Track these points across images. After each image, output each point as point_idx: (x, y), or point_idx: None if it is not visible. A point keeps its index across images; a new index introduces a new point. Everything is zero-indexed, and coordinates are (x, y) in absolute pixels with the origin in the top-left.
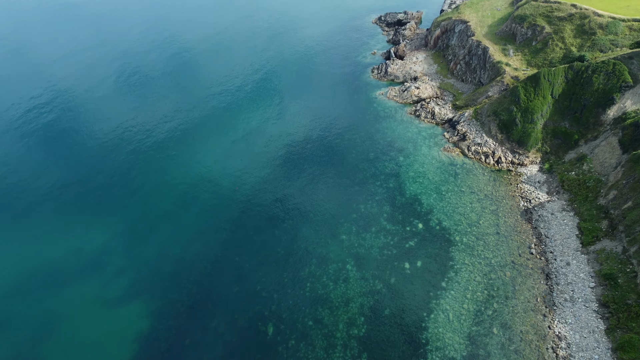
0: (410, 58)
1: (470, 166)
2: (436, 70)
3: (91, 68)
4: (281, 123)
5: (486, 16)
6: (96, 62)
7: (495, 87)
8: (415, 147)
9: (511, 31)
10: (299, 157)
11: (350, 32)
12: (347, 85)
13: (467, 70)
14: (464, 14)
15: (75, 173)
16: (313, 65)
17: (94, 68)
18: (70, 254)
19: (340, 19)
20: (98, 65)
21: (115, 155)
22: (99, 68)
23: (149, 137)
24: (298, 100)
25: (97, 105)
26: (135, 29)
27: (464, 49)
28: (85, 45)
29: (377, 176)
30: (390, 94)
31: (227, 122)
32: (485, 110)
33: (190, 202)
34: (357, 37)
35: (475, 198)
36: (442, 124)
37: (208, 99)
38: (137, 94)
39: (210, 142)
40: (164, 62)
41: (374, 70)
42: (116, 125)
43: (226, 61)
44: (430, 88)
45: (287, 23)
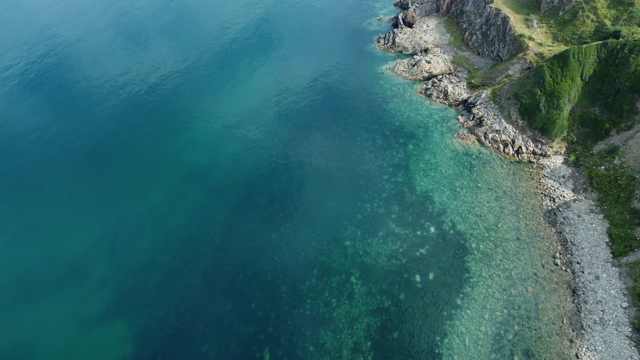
0: (421, 25)
1: (487, 157)
2: (449, 40)
3: (83, 14)
4: (278, 104)
5: None
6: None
7: (517, 64)
8: (426, 133)
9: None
10: (298, 146)
11: None
12: (351, 57)
13: (483, 42)
14: None
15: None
16: (311, 34)
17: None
18: (46, 259)
19: None
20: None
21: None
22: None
23: (140, 108)
24: (295, 77)
25: (82, 59)
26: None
27: (481, 17)
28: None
29: (385, 168)
30: (398, 68)
31: (220, 101)
32: (505, 92)
33: (179, 199)
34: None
35: (492, 196)
36: (456, 106)
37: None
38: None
39: (202, 127)
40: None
41: (380, 40)
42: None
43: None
44: (443, 62)
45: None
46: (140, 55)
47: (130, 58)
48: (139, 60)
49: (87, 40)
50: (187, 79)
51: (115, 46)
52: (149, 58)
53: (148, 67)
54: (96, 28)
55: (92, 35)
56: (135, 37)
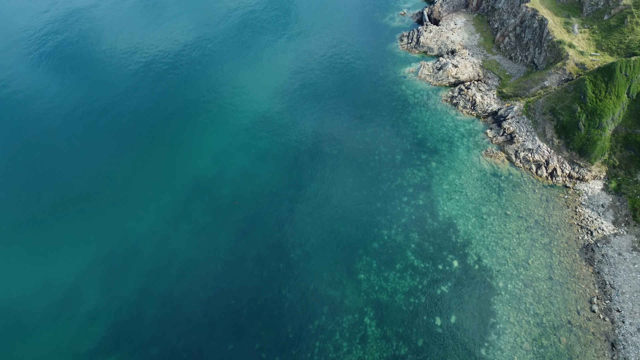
0: (448, 23)
1: (518, 179)
2: (478, 41)
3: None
4: (291, 109)
5: None
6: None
7: (554, 75)
8: (450, 148)
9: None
10: (311, 159)
11: None
12: (371, 57)
13: (517, 46)
14: None
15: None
16: (328, 29)
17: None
18: (38, 285)
19: None
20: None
21: (91, 152)
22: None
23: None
24: (311, 77)
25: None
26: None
27: (515, 17)
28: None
29: (405, 189)
30: (422, 72)
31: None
32: (540, 106)
33: (181, 218)
34: None
35: (523, 225)
36: (484, 117)
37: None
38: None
39: (205, 139)
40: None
41: (402, 39)
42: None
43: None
44: (471, 67)
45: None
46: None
47: (140, 36)
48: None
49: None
50: (190, 79)
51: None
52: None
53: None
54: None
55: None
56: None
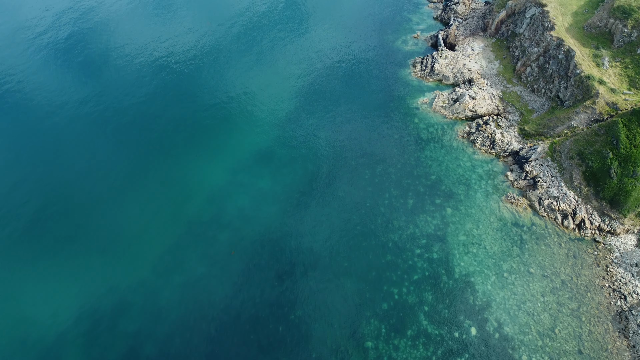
0: (464, 48)
1: (542, 230)
2: (497, 70)
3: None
4: (294, 142)
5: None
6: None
7: (583, 114)
8: (467, 192)
9: (607, 28)
10: (315, 202)
11: (387, 3)
12: (382, 85)
13: (540, 77)
14: None
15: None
16: (338, 50)
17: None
18: (15, 343)
19: None
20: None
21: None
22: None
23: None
24: (317, 107)
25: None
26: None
27: (538, 46)
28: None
29: (417, 239)
30: (436, 103)
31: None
32: (567, 149)
33: (173, 268)
34: (396, 10)
35: (548, 286)
36: (504, 157)
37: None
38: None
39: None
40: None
41: (416, 65)
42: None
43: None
44: (490, 99)
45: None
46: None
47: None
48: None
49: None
50: (188, 100)
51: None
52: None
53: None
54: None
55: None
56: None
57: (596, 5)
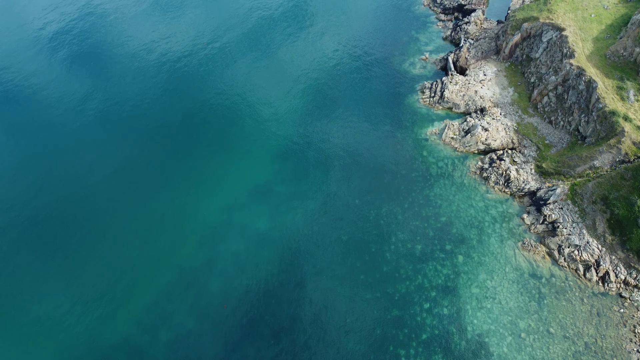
0: (476, 73)
1: (562, 282)
2: (512, 98)
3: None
4: (294, 176)
5: (588, 19)
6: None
7: (607, 154)
8: (480, 236)
9: (632, 57)
10: (315, 246)
11: (394, 19)
12: (388, 112)
13: (558, 108)
14: (556, 13)
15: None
16: (342, 75)
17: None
18: None
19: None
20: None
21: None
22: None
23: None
24: (319, 137)
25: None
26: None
27: (556, 74)
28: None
29: (426, 291)
30: (446, 135)
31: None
32: (589, 192)
33: (160, 322)
34: (403, 27)
35: (570, 350)
36: (520, 197)
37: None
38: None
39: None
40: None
41: (424, 91)
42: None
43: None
44: (504, 131)
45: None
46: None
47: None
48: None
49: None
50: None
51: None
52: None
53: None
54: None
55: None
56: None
57: (618, 29)
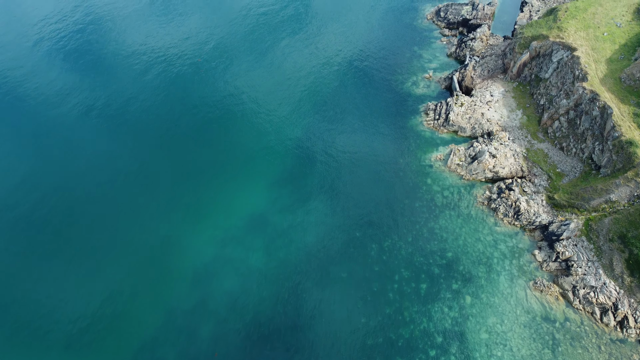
0: (482, 93)
1: (577, 327)
2: (520, 121)
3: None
4: (291, 204)
5: (601, 38)
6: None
7: (624, 187)
8: (489, 274)
9: None
10: (313, 285)
11: (396, 34)
12: (390, 136)
13: (570, 134)
14: (567, 32)
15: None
16: (338, 93)
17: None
18: None
19: (384, 9)
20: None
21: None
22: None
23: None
24: (316, 168)
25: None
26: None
27: (568, 98)
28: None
29: (431, 337)
30: (452, 161)
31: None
32: (606, 229)
33: None
34: (406, 43)
35: None
36: (531, 231)
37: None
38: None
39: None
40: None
41: (428, 112)
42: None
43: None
44: (513, 157)
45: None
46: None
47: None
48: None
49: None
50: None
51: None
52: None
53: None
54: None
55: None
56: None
57: (632, 49)
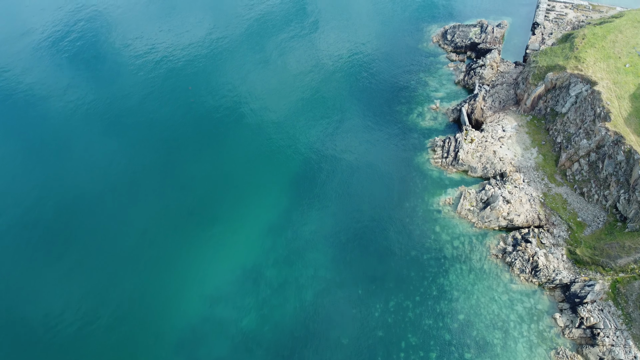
0: (494, 128)
1: None
2: (536, 161)
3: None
4: (286, 262)
5: (623, 70)
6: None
7: None
8: (505, 341)
9: None
10: (313, 351)
11: (401, 59)
12: (394, 176)
13: (591, 178)
14: (585, 63)
15: None
16: (337, 127)
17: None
18: None
19: (389, 31)
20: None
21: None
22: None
23: None
24: (313, 203)
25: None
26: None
27: (589, 138)
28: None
29: None
30: (462, 206)
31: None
32: (636, 294)
33: None
34: (411, 68)
35: None
36: (551, 289)
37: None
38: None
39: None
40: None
41: (436, 149)
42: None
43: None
44: (529, 203)
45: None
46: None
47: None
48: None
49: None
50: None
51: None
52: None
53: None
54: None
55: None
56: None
57: None
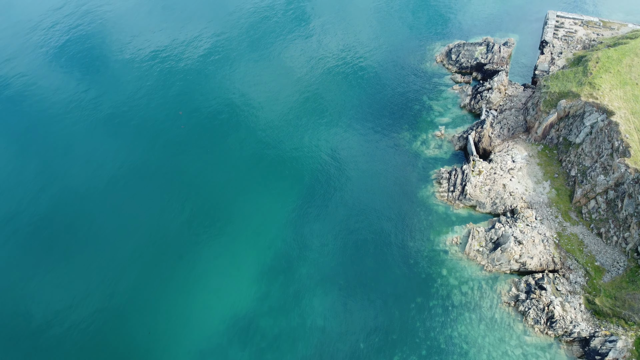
0: (503, 158)
1: None
2: (549, 197)
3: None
4: (283, 309)
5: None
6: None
7: None
8: None
9: None
10: None
11: (402, 81)
12: (395, 211)
13: (610, 218)
14: (601, 90)
15: None
16: (334, 156)
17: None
18: None
19: (390, 49)
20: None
21: None
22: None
23: None
24: (310, 247)
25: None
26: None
27: (606, 174)
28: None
29: None
30: (470, 246)
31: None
32: None
33: None
34: (413, 91)
35: None
36: (568, 343)
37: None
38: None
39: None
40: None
41: (441, 182)
42: None
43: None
44: (542, 244)
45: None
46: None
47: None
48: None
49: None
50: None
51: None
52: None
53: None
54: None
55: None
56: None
57: None
